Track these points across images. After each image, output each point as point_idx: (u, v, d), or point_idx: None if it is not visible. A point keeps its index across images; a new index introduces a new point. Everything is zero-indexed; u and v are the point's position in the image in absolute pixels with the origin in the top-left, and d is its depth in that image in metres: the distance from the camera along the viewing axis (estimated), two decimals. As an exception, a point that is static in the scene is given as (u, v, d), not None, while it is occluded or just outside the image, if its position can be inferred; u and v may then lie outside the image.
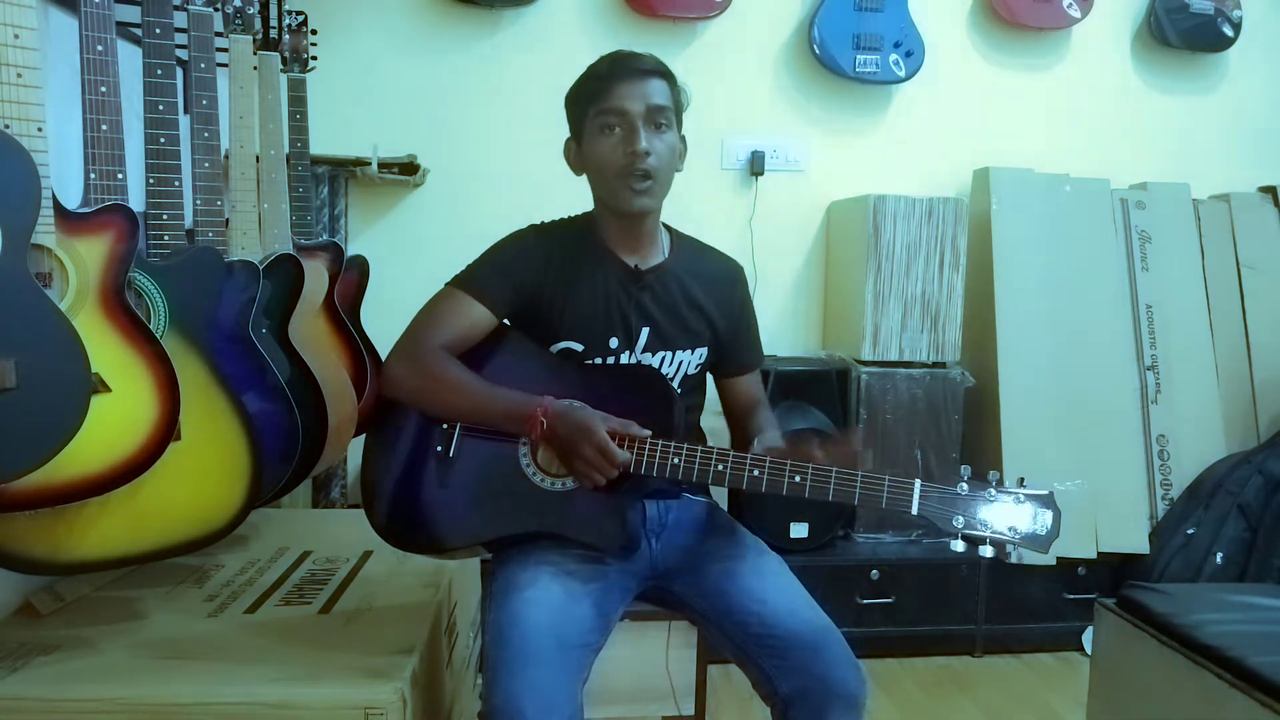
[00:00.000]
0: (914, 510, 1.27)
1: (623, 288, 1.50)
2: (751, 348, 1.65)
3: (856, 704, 1.35)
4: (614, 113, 1.43)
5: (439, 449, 1.45)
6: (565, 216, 1.58)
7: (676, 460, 1.34)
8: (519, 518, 1.42)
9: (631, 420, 1.36)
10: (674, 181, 1.50)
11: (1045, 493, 1.27)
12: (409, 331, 1.48)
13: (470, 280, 1.48)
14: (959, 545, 1.26)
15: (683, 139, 1.52)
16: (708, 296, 1.55)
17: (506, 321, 1.53)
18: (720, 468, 1.33)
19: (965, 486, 1.27)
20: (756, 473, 1.32)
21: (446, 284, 1.50)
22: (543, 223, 1.56)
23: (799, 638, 1.37)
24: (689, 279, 1.54)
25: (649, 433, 1.35)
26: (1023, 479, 1.28)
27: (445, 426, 1.45)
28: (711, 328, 1.56)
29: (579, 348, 1.49)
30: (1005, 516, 1.26)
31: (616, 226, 1.51)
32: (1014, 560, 1.28)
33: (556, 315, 1.49)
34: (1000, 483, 1.27)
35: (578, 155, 1.51)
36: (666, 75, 1.47)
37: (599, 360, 1.49)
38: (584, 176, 1.52)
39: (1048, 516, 1.25)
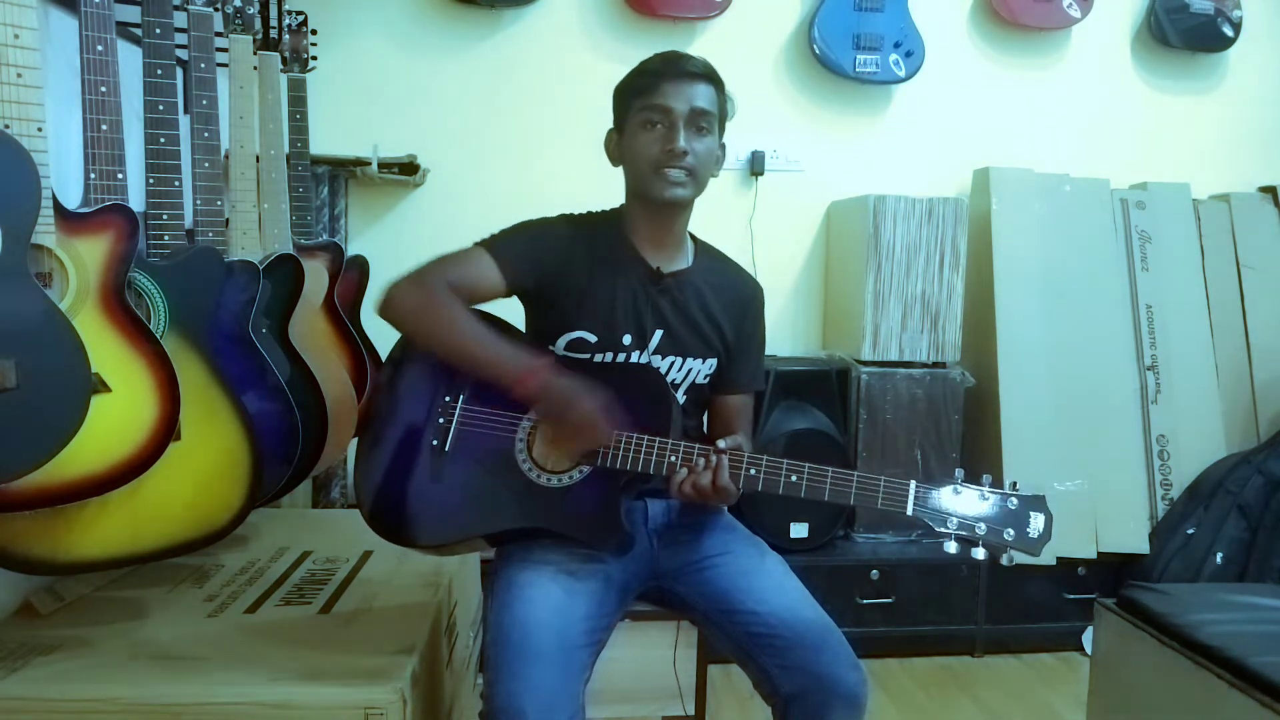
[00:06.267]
0: (909, 511, 1.29)
1: (642, 287, 1.51)
2: (750, 370, 1.62)
3: (857, 704, 1.35)
4: (658, 109, 1.45)
5: (434, 443, 1.45)
6: (593, 210, 1.58)
7: (674, 458, 1.34)
8: (513, 513, 1.42)
9: (631, 420, 1.36)
10: None
11: (1038, 495, 1.28)
12: (421, 265, 1.47)
13: (494, 244, 1.49)
14: (952, 547, 1.28)
15: (723, 146, 1.54)
16: (724, 309, 1.55)
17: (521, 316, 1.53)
18: None
19: (959, 489, 1.29)
20: (753, 472, 1.33)
21: (474, 243, 1.50)
22: (570, 214, 1.57)
23: (800, 637, 1.37)
24: (708, 290, 1.55)
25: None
26: (1015, 482, 1.30)
27: (441, 421, 1.45)
28: (723, 340, 1.56)
29: (592, 338, 1.49)
30: (998, 519, 1.27)
31: (645, 224, 1.52)
32: (1006, 563, 1.28)
33: (574, 304, 1.49)
34: (993, 485, 1.29)
35: (617, 146, 1.53)
36: (715, 81, 1.49)
37: (609, 355, 1.49)
38: (615, 171, 1.53)
39: (1040, 520, 1.27)
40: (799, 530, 2.67)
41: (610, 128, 1.55)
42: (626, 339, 1.49)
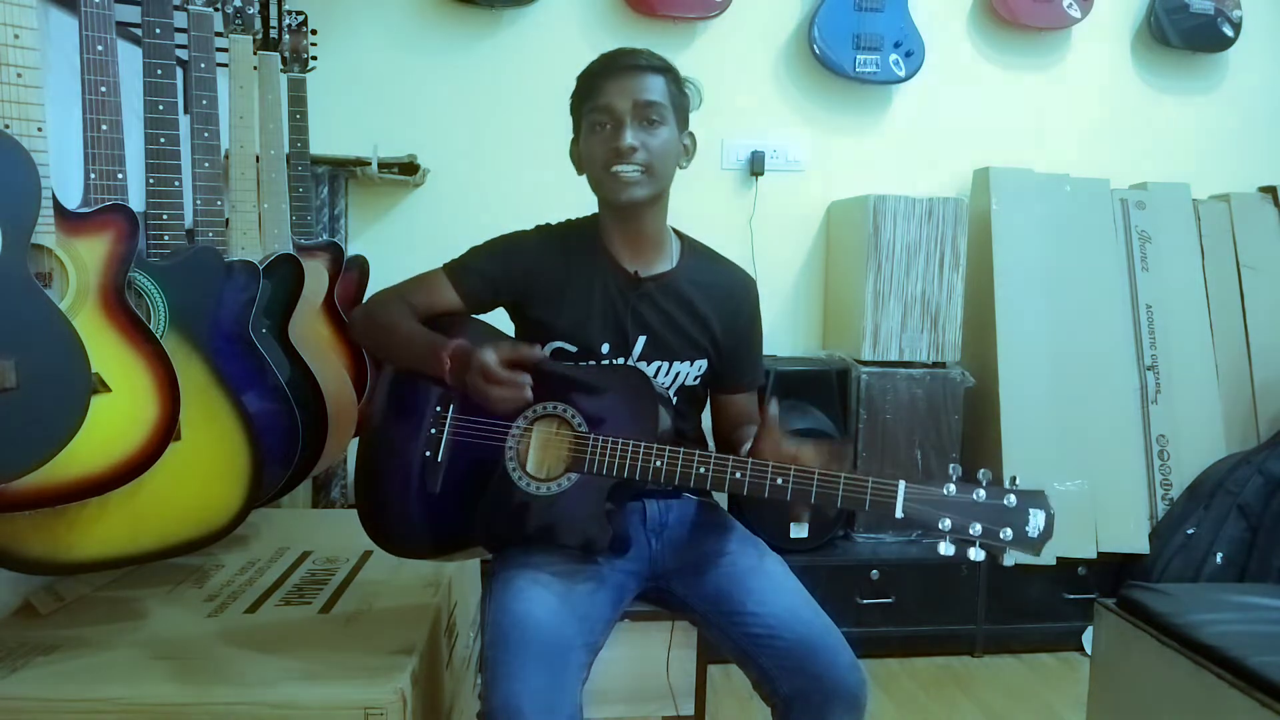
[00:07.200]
0: (899, 513, 1.22)
1: (620, 294, 1.49)
2: (751, 367, 1.60)
3: (857, 704, 1.34)
4: (602, 110, 1.43)
5: (428, 454, 1.45)
6: (572, 218, 1.58)
7: (659, 463, 1.33)
8: (506, 523, 1.41)
9: (619, 424, 1.36)
10: (675, 181, 1.50)
11: (1037, 491, 1.20)
12: (389, 287, 1.55)
13: (455, 268, 1.53)
14: (948, 548, 1.20)
15: (690, 135, 1.52)
16: (712, 308, 1.53)
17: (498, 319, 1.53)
18: (702, 470, 1.32)
19: (953, 488, 1.22)
20: (738, 475, 1.30)
21: (441, 265, 1.54)
22: (548, 224, 1.56)
23: (800, 638, 1.36)
24: (694, 289, 1.52)
25: (538, 348, 1.38)
26: (1015, 477, 1.21)
27: (434, 431, 1.45)
28: (712, 341, 1.53)
29: (572, 348, 1.49)
30: (995, 518, 1.19)
31: (617, 229, 1.51)
32: (1007, 564, 1.23)
33: (550, 314, 1.49)
34: (991, 482, 1.21)
35: (577, 153, 1.52)
36: (664, 71, 1.46)
37: (591, 364, 1.48)
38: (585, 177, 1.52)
39: (1040, 517, 1.19)
40: (799, 530, 2.67)
41: (573, 138, 1.53)
42: (605, 347, 1.48)
